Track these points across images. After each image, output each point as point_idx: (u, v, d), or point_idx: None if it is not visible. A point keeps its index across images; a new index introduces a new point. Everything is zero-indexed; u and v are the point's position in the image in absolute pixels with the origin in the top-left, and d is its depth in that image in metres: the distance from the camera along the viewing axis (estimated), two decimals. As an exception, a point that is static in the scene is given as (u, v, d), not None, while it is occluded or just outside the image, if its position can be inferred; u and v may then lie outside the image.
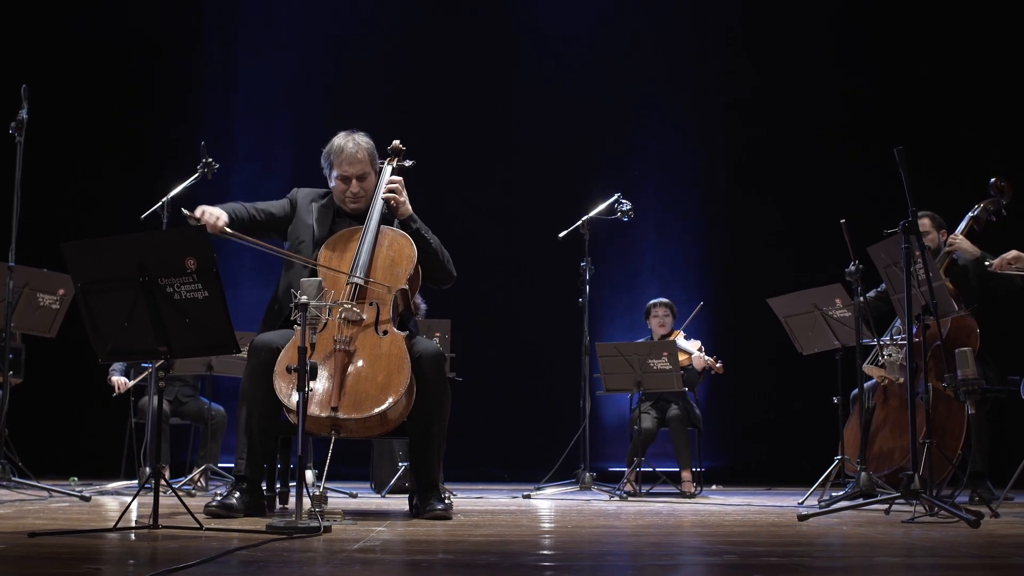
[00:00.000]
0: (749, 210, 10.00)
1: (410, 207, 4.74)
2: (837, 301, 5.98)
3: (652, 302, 7.85)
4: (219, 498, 4.30)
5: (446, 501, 4.62)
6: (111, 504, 5.18)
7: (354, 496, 6.38)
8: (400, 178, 4.76)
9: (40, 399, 8.07)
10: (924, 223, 6.60)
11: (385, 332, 4.38)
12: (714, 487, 8.72)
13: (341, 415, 4.18)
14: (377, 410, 4.18)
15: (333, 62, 10.37)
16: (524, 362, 9.51)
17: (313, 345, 4.29)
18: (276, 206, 4.77)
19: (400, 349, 4.33)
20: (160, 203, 6.35)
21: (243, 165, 10.10)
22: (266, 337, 4.45)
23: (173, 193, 6.43)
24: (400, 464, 6.79)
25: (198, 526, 3.45)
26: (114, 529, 3.39)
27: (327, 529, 3.52)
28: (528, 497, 6.54)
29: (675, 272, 10.20)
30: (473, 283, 9.68)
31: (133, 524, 3.59)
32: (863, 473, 5.51)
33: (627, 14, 10.49)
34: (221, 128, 9.98)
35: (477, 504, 5.72)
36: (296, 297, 3.71)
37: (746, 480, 9.25)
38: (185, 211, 4.41)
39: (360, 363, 4.29)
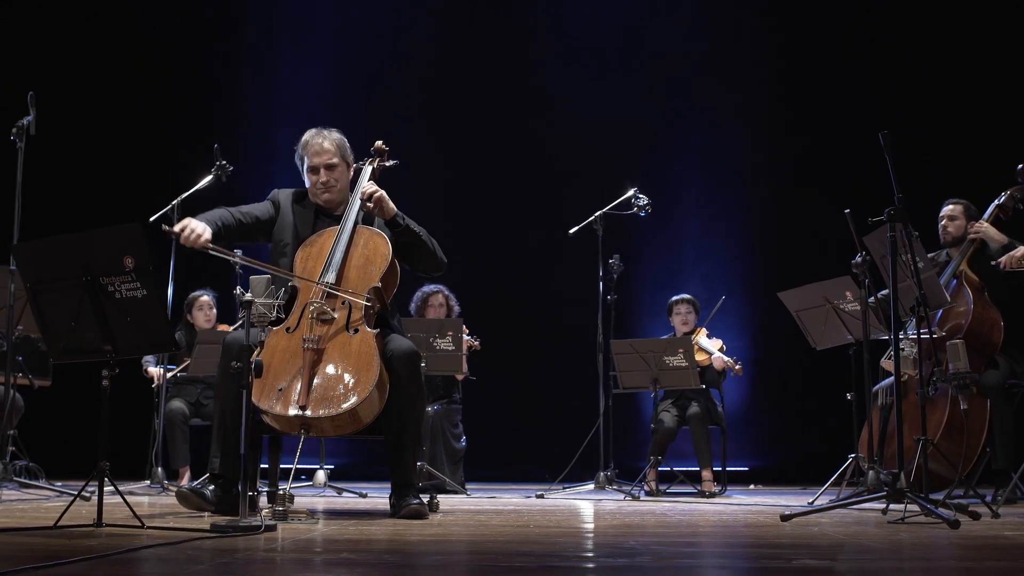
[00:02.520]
0: (794, 202, 9.80)
1: (393, 206, 4.70)
2: (847, 294, 5.79)
3: (674, 299, 7.69)
4: (196, 484, 4.31)
5: (434, 500, 4.63)
6: (109, 503, 5.22)
7: (363, 496, 6.35)
8: (373, 184, 4.71)
9: (71, 401, 8.21)
10: (956, 209, 6.40)
11: (356, 330, 4.36)
12: (752, 487, 8.55)
13: (309, 414, 4.15)
14: (344, 407, 4.15)
15: (371, 63, 10.42)
16: (556, 359, 9.40)
17: (262, 343, 4.30)
18: (260, 209, 4.77)
19: (369, 347, 4.29)
20: (170, 205, 6.43)
21: (284, 167, 10.17)
22: (239, 335, 4.44)
23: (184, 196, 6.51)
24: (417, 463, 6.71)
25: (140, 525, 3.45)
26: (54, 528, 3.41)
27: (270, 528, 3.49)
28: (541, 497, 6.46)
29: (718, 267, 10.03)
30: (505, 281, 9.70)
31: (113, 523, 3.58)
32: (871, 472, 5.32)
33: (665, 8, 10.38)
34: (260, 131, 10.08)
35: (480, 504, 5.68)
36: (240, 295, 3.70)
37: (791, 479, 9.04)
38: (165, 227, 4.41)
39: (329, 362, 4.27)
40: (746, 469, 9.67)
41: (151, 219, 6.36)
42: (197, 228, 4.38)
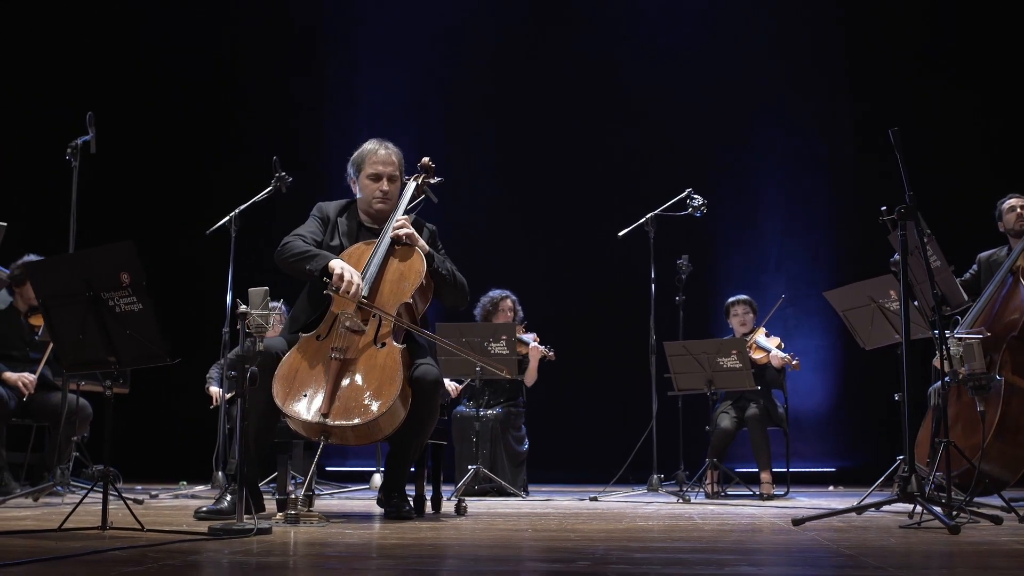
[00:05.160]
0: (878, 198, 9.57)
1: (424, 244, 4.77)
2: (891, 293, 5.66)
3: (731, 300, 7.61)
4: (211, 503, 4.48)
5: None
6: (158, 505, 5.44)
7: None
8: (406, 223, 4.75)
9: (153, 408, 8.55)
10: (1014, 202, 6.25)
11: (383, 344, 4.46)
12: (831, 488, 8.42)
13: (330, 422, 4.26)
14: (364, 419, 4.26)
15: (450, 70, 10.58)
16: (621, 361, 9.37)
17: (259, 351, 4.41)
18: (318, 231, 4.86)
19: (395, 361, 4.40)
20: (227, 217, 6.62)
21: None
22: (268, 342, 4.58)
23: (242, 207, 6.70)
24: (470, 467, 6.80)
25: (140, 528, 3.61)
26: (58, 530, 3.59)
27: (265, 531, 3.60)
28: (595, 499, 6.48)
29: (802, 266, 9.89)
30: (576, 284, 9.73)
31: (117, 527, 3.74)
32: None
33: (743, 3, 10.30)
34: (344, 143, 10.30)
35: (523, 507, 5.75)
36: (237, 305, 3.84)
37: (876, 479, 8.83)
38: (326, 279, 4.49)
39: (354, 373, 4.39)
40: (832, 470, 9.52)
41: (208, 231, 6.58)
42: (356, 279, 4.48)
